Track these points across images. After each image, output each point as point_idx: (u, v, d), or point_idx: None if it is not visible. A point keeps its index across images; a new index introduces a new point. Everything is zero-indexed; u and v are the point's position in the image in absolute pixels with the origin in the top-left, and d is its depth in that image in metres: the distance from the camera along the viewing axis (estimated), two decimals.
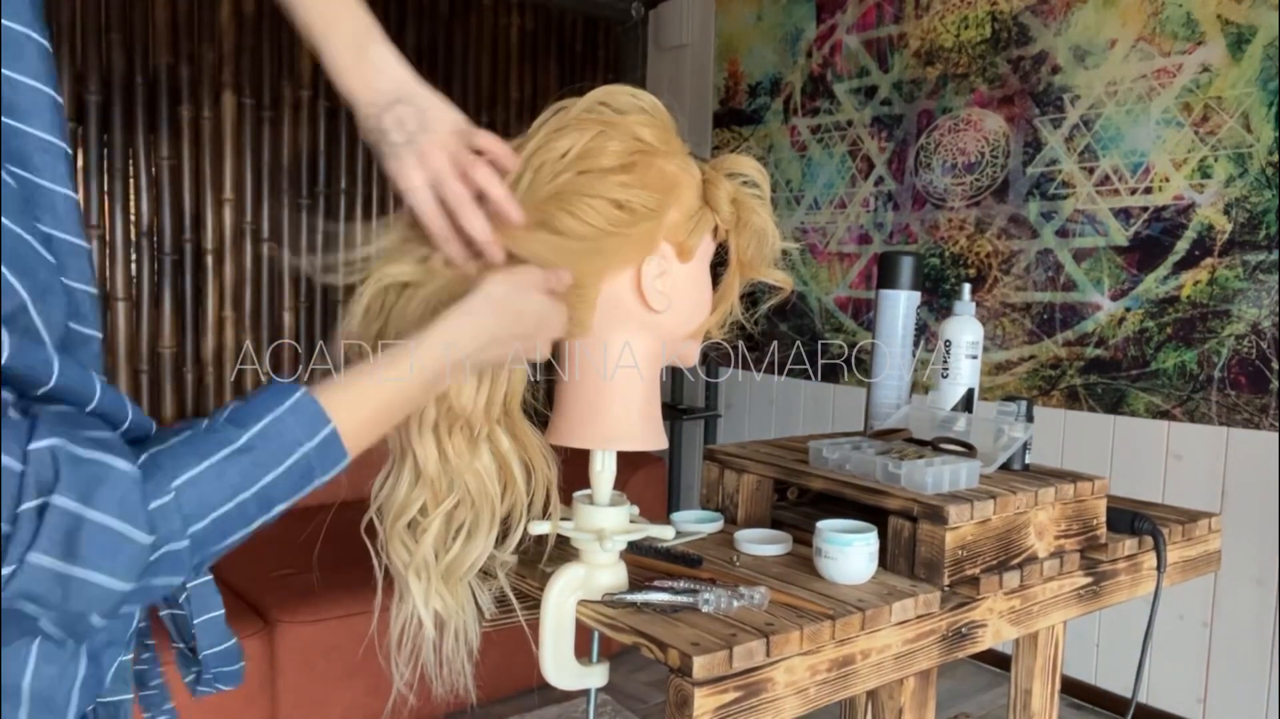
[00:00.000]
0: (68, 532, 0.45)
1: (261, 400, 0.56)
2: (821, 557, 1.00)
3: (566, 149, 0.79)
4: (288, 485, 0.57)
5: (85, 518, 0.46)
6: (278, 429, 0.56)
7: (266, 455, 0.55)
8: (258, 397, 0.57)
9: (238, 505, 0.54)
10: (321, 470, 0.58)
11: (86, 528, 0.46)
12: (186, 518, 0.51)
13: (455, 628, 0.84)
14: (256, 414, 0.56)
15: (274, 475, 0.55)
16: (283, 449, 0.56)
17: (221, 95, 2.83)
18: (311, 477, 0.58)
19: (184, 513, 0.51)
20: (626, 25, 3.77)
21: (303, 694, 2.07)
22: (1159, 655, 2.40)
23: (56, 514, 0.45)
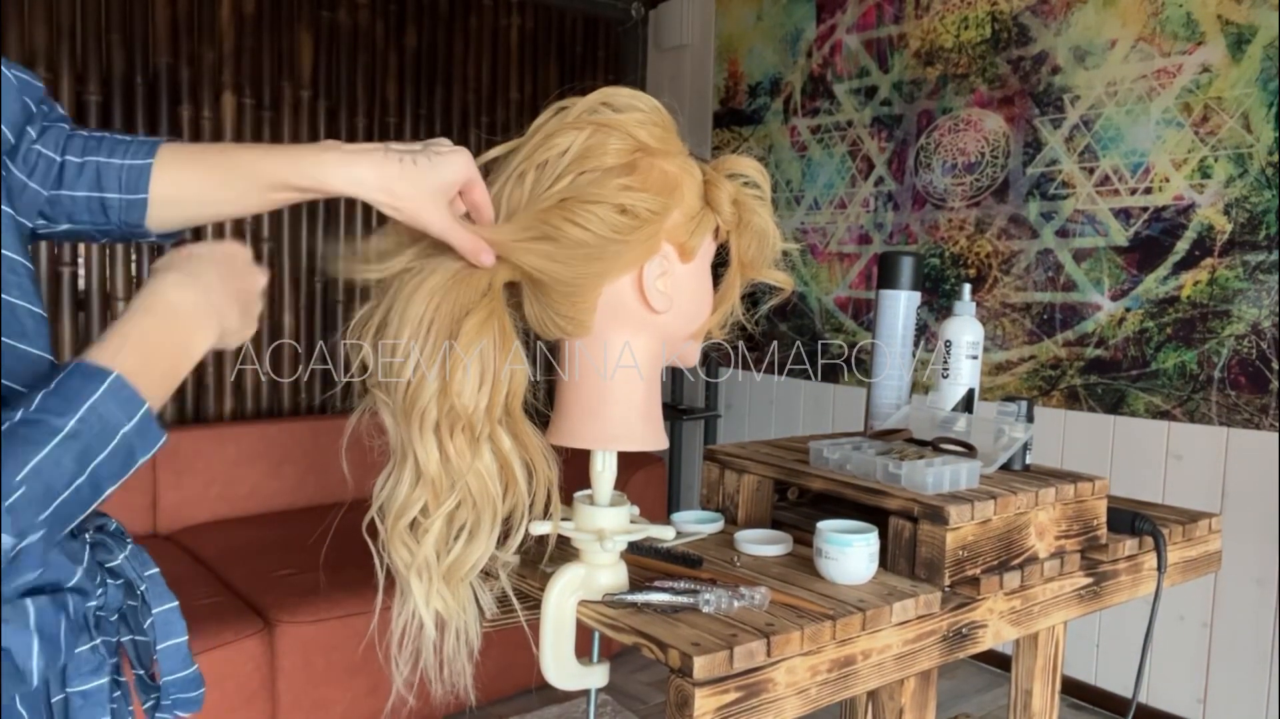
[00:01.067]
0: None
1: (75, 386, 0.57)
2: (822, 557, 1.00)
3: (566, 148, 0.79)
4: (113, 467, 0.58)
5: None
6: (98, 413, 0.57)
7: (93, 439, 0.56)
8: (69, 382, 0.57)
9: (75, 490, 0.55)
10: (142, 450, 0.60)
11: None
12: (34, 508, 0.53)
13: (456, 628, 0.84)
14: (74, 401, 0.57)
15: (101, 458, 0.57)
16: (106, 432, 0.57)
17: (221, 95, 2.83)
18: (134, 458, 0.59)
19: (35, 504, 0.53)
20: (626, 25, 3.77)
21: (303, 694, 2.07)
22: (1159, 655, 2.40)
23: None
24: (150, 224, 0.74)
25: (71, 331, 2.62)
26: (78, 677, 0.62)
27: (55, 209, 0.72)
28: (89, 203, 0.73)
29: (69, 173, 0.72)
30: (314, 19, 2.99)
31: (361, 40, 3.09)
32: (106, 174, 0.73)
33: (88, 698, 0.63)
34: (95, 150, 0.73)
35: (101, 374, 0.58)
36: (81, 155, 0.73)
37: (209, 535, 2.54)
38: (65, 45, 2.55)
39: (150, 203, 0.73)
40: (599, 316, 0.84)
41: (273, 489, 2.76)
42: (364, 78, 3.11)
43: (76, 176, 0.72)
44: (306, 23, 2.98)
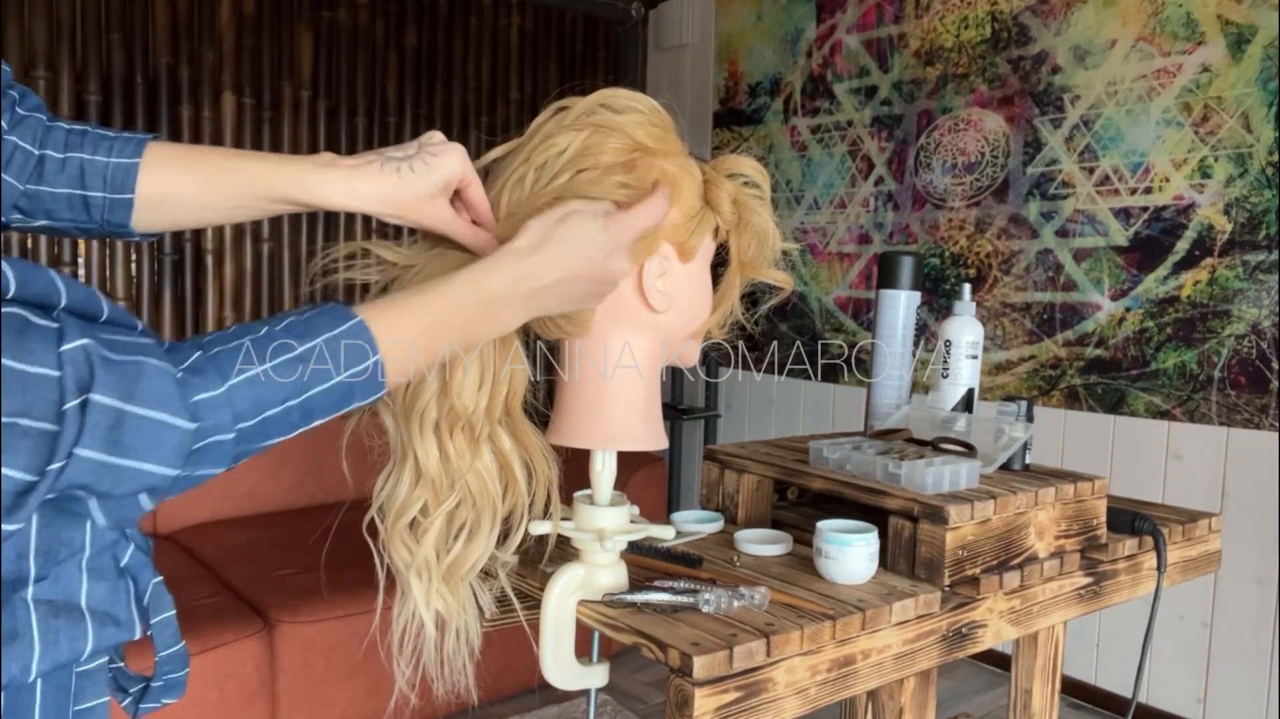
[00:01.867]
0: (110, 425, 0.48)
1: (320, 319, 0.59)
2: (822, 557, 1.00)
3: (564, 148, 0.79)
4: (329, 402, 0.59)
5: (126, 411, 0.49)
6: (332, 349, 0.59)
7: (317, 371, 0.58)
8: (318, 315, 0.59)
9: (284, 410, 0.57)
10: (361, 396, 0.61)
11: (129, 420, 0.49)
12: (238, 414, 0.54)
13: (456, 628, 0.84)
14: (314, 331, 0.58)
15: (320, 389, 0.58)
16: (333, 368, 0.59)
17: (221, 95, 2.83)
18: (351, 399, 0.61)
19: (235, 409, 0.54)
20: (626, 25, 3.77)
21: (303, 694, 2.07)
22: (1159, 655, 2.40)
23: (98, 411, 0.48)
24: (136, 224, 0.73)
25: None
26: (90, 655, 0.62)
27: (33, 204, 0.71)
28: (70, 200, 0.71)
29: (49, 168, 0.70)
30: (314, 19, 3.00)
31: (361, 40, 3.09)
32: (90, 171, 0.71)
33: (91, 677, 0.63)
34: (78, 146, 0.71)
35: (347, 316, 0.60)
36: (63, 150, 0.71)
37: (209, 535, 2.54)
38: (65, 45, 2.55)
39: (136, 203, 0.72)
40: (599, 316, 0.84)
41: (273, 489, 2.76)
42: (364, 78, 3.11)
43: (58, 172, 0.70)
44: (306, 23, 2.98)
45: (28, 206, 0.71)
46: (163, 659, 0.68)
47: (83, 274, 2.64)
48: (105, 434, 0.48)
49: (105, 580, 0.58)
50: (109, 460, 0.49)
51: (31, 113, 0.70)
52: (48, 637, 0.53)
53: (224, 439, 0.54)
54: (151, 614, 0.68)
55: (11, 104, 0.70)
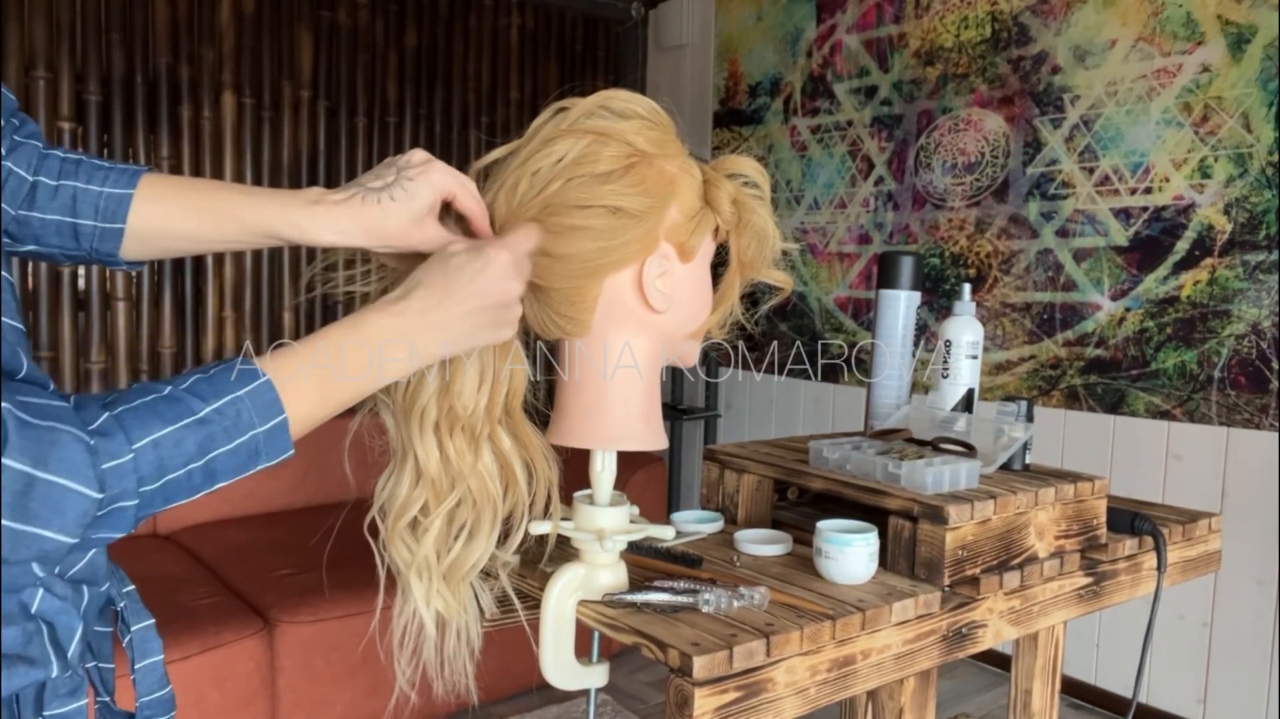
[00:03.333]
0: (19, 491, 0.48)
1: (223, 379, 0.58)
2: (821, 557, 1.00)
3: (561, 156, 0.79)
4: (234, 463, 0.59)
5: (36, 478, 0.48)
6: (235, 408, 0.58)
7: (220, 431, 0.57)
8: (221, 374, 0.59)
9: (187, 473, 0.56)
10: (267, 456, 0.60)
11: (39, 487, 0.48)
12: (141, 478, 0.54)
13: (457, 628, 0.84)
14: (218, 391, 0.58)
15: (223, 451, 0.58)
16: (237, 428, 0.58)
17: (221, 95, 2.83)
18: (257, 459, 0.60)
19: (140, 473, 0.53)
20: (626, 25, 3.77)
21: (303, 694, 2.07)
22: (1159, 655, 2.40)
23: (9, 475, 0.47)
24: (124, 254, 0.73)
25: (71, 332, 2.62)
26: (55, 699, 0.61)
27: (23, 229, 0.71)
28: (60, 227, 0.71)
29: (41, 194, 0.70)
30: (314, 19, 2.99)
31: (361, 40, 3.09)
32: (83, 200, 0.71)
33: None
34: (72, 174, 0.71)
35: (253, 375, 0.59)
36: (57, 178, 0.71)
37: (209, 535, 2.54)
38: (65, 45, 2.55)
39: (126, 234, 0.72)
40: (598, 316, 0.84)
41: (273, 489, 2.76)
42: (364, 78, 3.11)
43: (50, 199, 0.70)
44: (306, 23, 2.98)
45: (16, 231, 0.71)
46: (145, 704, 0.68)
47: (83, 274, 2.65)
48: (13, 499, 0.48)
49: (13, 625, 0.57)
50: (12, 526, 0.48)
51: (28, 140, 0.71)
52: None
53: (127, 505, 0.53)
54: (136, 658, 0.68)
55: (10, 130, 0.70)
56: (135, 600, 0.70)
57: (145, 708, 0.68)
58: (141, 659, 0.68)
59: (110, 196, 0.71)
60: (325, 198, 0.72)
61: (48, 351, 2.59)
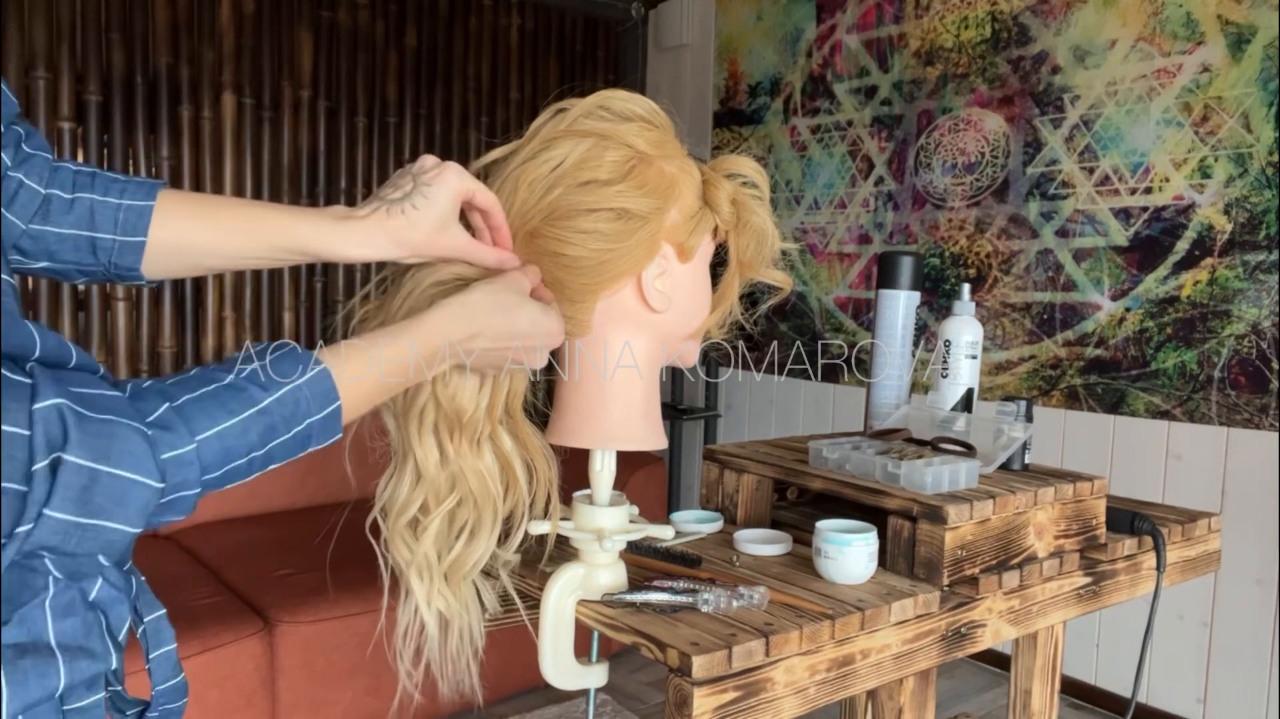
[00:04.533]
0: (83, 486, 0.48)
1: (284, 366, 0.60)
2: (821, 557, 1.00)
3: (562, 159, 0.79)
4: (288, 449, 0.60)
5: (100, 471, 0.49)
6: (294, 397, 0.59)
7: (280, 420, 0.58)
8: (281, 361, 0.60)
9: (248, 461, 0.57)
10: (318, 440, 0.62)
11: (102, 480, 0.49)
12: (205, 467, 0.54)
13: (459, 628, 0.84)
14: (279, 379, 0.59)
15: (282, 439, 0.59)
16: (295, 417, 0.59)
17: (221, 95, 2.83)
18: (308, 444, 0.61)
19: (203, 463, 0.54)
20: (626, 25, 3.77)
21: (303, 694, 2.07)
22: (1159, 655, 2.40)
23: (70, 470, 0.47)
24: (145, 269, 0.72)
25: (71, 332, 2.62)
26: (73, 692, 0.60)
27: (35, 245, 0.69)
28: (76, 241, 0.70)
29: (55, 208, 0.69)
30: (314, 19, 3.00)
31: (361, 40, 3.09)
32: (101, 213, 0.70)
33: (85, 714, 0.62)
34: (87, 187, 0.70)
35: (311, 362, 0.61)
36: (72, 191, 0.69)
37: (209, 535, 2.54)
38: (65, 45, 2.55)
39: (147, 248, 0.71)
40: (598, 316, 0.84)
41: (273, 489, 2.76)
42: (364, 78, 3.11)
43: (65, 213, 0.69)
44: (306, 23, 2.98)
45: (30, 247, 0.69)
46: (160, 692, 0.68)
47: None
48: (77, 495, 0.48)
49: (74, 616, 0.57)
50: (78, 521, 0.48)
51: (37, 151, 0.69)
52: (15, 677, 0.53)
53: (189, 494, 0.54)
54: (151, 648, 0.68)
55: (17, 140, 0.68)
56: (146, 591, 0.70)
57: (161, 696, 0.68)
58: (156, 649, 0.68)
59: (130, 209, 0.71)
60: (352, 214, 0.73)
61: None
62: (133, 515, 0.51)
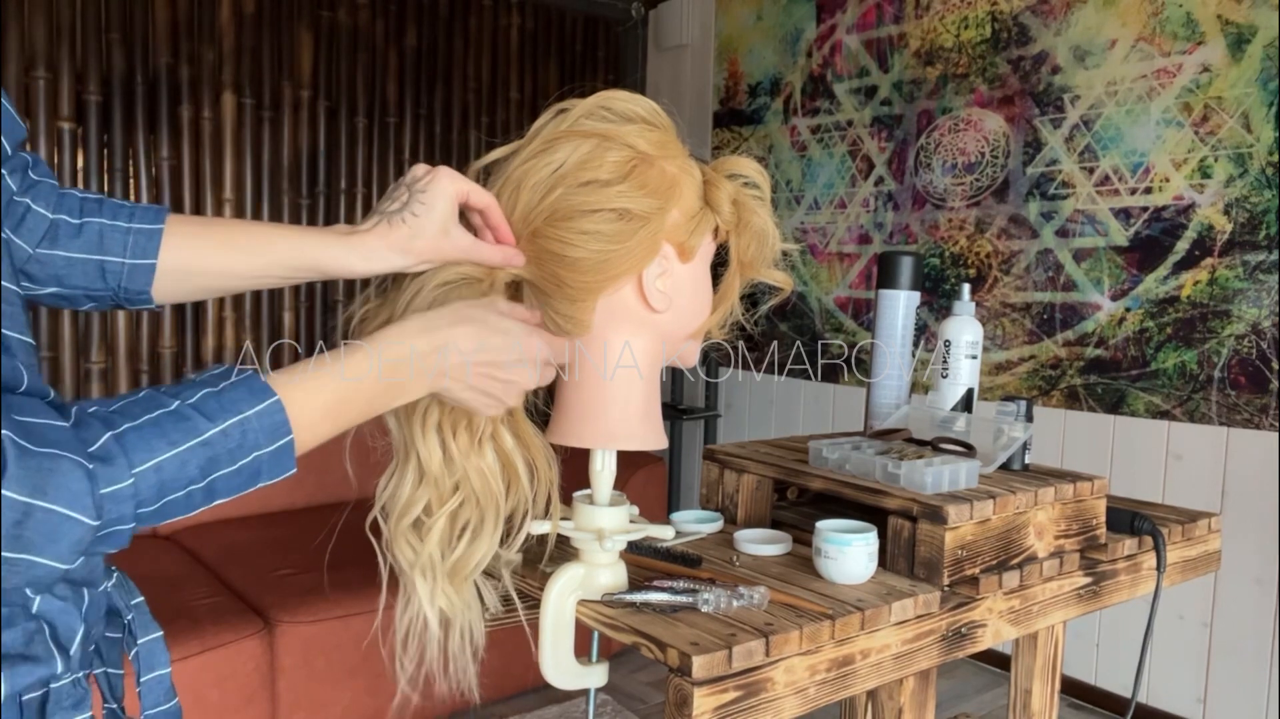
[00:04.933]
0: (16, 521, 0.47)
1: (233, 396, 0.57)
2: (821, 557, 1.00)
3: (563, 159, 0.79)
4: (235, 483, 0.58)
5: (34, 507, 0.47)
6: (241, 429, 0.56)
7: (225, 453, 0.56)
8: (233, 388, 0.57)
9: (186, 494, 0.55)
10: (268, 476, 0.59)
11: (36, 515, 0.48)
12: (140, 502, 0.52)
13: (460, 627, 0.84)
14: (226, 410, 0.56)
15: (227, 472, 0.56)
16: (241, 450, 0.57)
17: (221, 95, 2.83)
18: (258, 479, 0.59)
19: (139, 498, 0.52)
20: (626, 25, 3.77)
21: (303, 694, 2.07)
22: (1159, 655, 2.40)
23: (6, 505, 0.46)
24: (154, 292, 0.73)
25: (71, 332, 2.62)
26: (59, 711, 0.60)
27: (43, 270, 0.69)
28: (85, 265, 0.70)
29: (63, 232, 0.69)
30: (314, 19, 3.00)
31: (361, 40, 3.09)
32: (110, 236, 0.70)
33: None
34: (95, 211, 0.70)
35: (265, 394, 0.58)
36: (79, 216, 0.69)
37: (209, 535, 2.54)
38: (65, 45, 2.55)
39: (158, 271, 0.71)
40: (599, 316, 0.84)
41: (273, 489, 2.72)
42: (364, 78, 3.11)
43: (73, 237, 0.69)
44: (306, 23, 2.98)
45: (38, 272, 0.69)
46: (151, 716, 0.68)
47: None
48: (9, 529, 0.47)
49: (13, 627, 0.56)
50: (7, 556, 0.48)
51: (44, 178, 0.69)
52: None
53: (124, 529, 0.53)
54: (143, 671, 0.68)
55: (24, 165, 0.68)
56: (143, 613, 0.70)
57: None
58: (148, 672, 0.68)
59: (139, 232, 0.71)
60: (355, 230, 0.74)
61: (48, 351, 2.59)
62: (64, 552, 0.49)
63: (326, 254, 0.73)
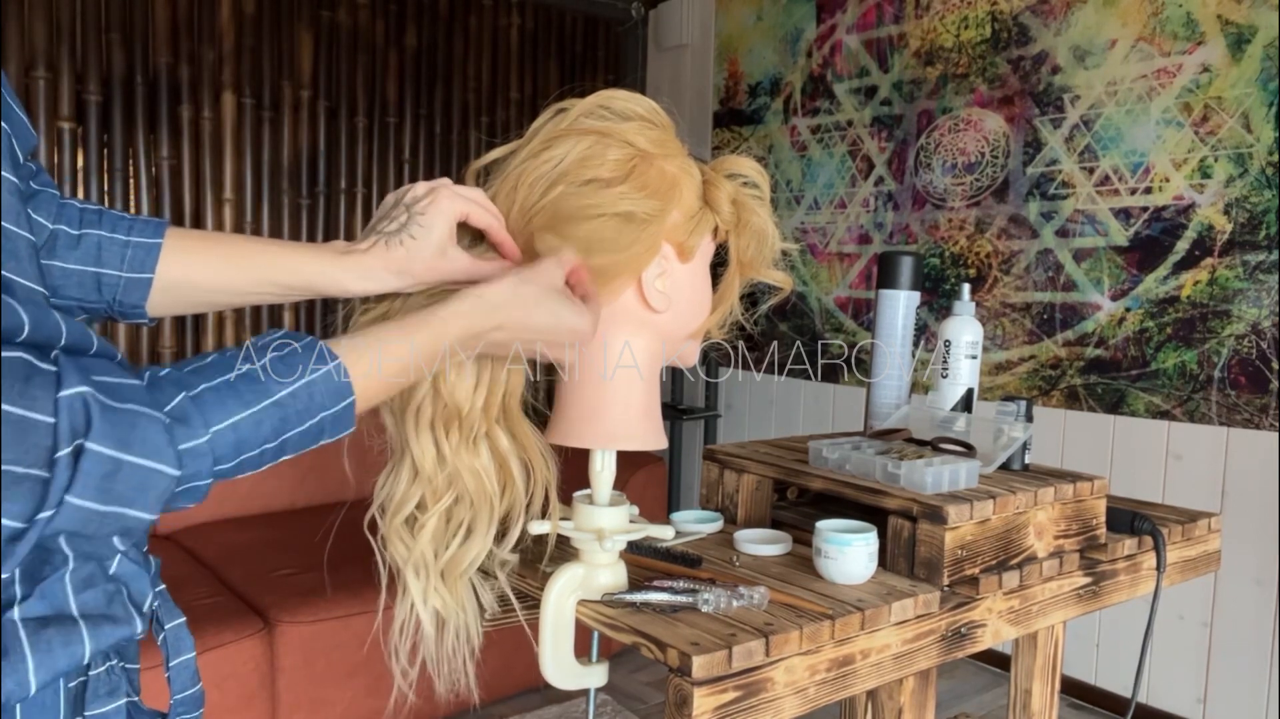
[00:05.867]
0: (105, 474, 0.48)
1: (302, 358, 0.59)
2: (821, 556, 1.00)
3: (561, 158, 0.79)
4: (301, 441, 0.60)
5: (122, 460, 0.49)
6: (309, 390, 0.59)
7: (294, 413, 0.58)
8: (299, 353, 0.59)
9: (260, 453, 0.57)
10: (330, 434, 0.61)
11: (125, 469, 0.49)
12: (217, 458, 0.54)
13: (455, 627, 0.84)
14: (296, 372, 0.58)
15: (295, 432, 0.59)
16: (310, 410, 0.59)
17: (221, 95, 2.83)
18: (321, 437, 0.61)
19: (215, 454, 0.54)
20: (626, 25, 3.77)
21: (303, 694, 2.07)
22: (1159, 655, 2.40)
23: (93, 459, 0.47)
24: (149, 306, 0.73)
25: None
26: (95, 699, 0.61)
27: None
28: (82, 278, 0.70)
29: (62, 244, 0.69)
30: (314, 19, 3.00)
31: (361, 40, 3.09)
32: (108, 249, 0.70)
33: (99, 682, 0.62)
34: (94, 223, 0.70)
35: (328, 356, 0.60)
36: (79, 227, 0.70)
37: (209, 535, 2.54)
38: (65, 45, 2.55)
39: (154, 284, 0.72)
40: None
41: (273, 489, 2.76)
42: (364, 78, 3.11)
43: (71, 249, 0.70)
44: (306, 23, 2.98)
45: None
46: (178, 701, 0.69)
47: None
48: (99, 482, 0.48)
49: (94, 587, 0.57)
50: (99, 508, 0.49)
51: (45, 188, 0.70)
52: (40, 647, 0.53)
53: (202, 484, 0.54)
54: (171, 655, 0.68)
55: (29, 175, 0.68)
56: (166, 599, 0.71)
57: (179, 705, 0.68)
58: (176, 657, 0.68)
59: (138, 246, 0.71)
60: (352, 249, 0.74)
61: None
62: (151, 502, 0.51)
63: (323, 273, 0.73)
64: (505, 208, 0.81)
